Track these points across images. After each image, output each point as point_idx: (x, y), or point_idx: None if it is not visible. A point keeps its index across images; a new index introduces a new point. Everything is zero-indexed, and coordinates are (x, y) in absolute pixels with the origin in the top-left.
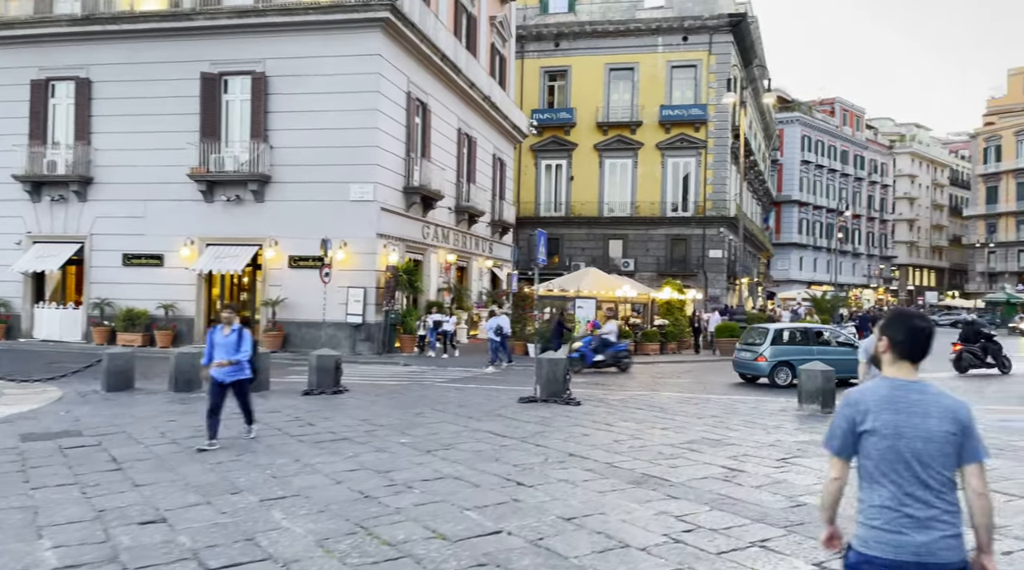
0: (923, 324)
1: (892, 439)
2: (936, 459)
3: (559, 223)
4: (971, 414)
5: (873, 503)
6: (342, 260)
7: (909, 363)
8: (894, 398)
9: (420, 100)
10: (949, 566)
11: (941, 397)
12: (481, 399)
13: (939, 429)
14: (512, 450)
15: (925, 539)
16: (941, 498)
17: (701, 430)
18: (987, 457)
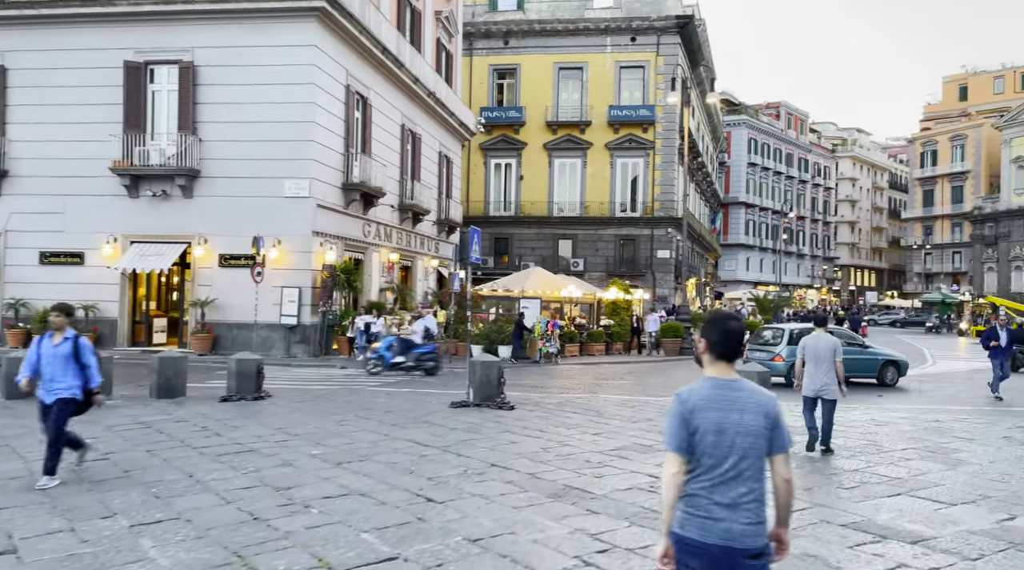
0: (736, 326)
1: (715, 435)
2: (752, 451)
3: (509, 223)
4: (779, 408)
5: (692, 491)
6: (276, 259)
7: (725, 362)
8: (716, 396)
9: (360, 94)
10: (751, 551)
11: (754, 394)
12: (411, 404)
13: (754, 423)
14: (431, 461)
15: (730, 525)
16: (749, 487)
17: (633, 435)
18: (791, 446)
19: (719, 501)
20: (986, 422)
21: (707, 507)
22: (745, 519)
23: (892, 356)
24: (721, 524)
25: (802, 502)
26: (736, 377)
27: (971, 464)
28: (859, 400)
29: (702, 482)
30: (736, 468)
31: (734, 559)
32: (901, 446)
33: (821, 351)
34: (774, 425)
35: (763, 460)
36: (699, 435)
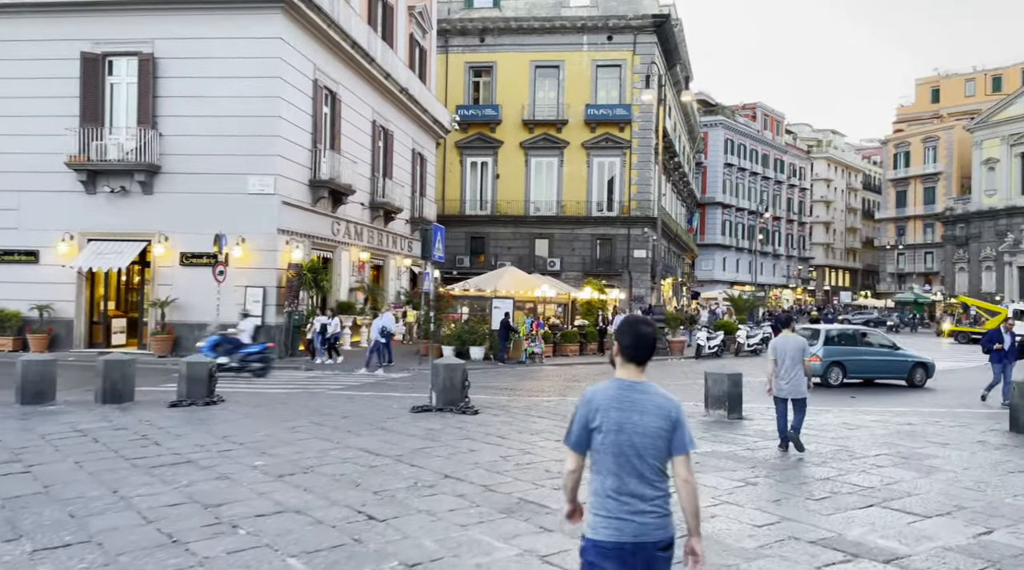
0: (647, 330)
1: (615, 435)
2: (650, 451)
3: (485, 222)
4: (680, 411)
5: (599, 493)
6: (239, 257)
7: (635, 365)
8: (620, 397)
9: (329, 89)
10: (660, 543)
11: (656, 396)
12: (371, 409)
13: (654, 424)
14: (380, 472)
15: (641, 522)
16: (654, 486)
17: None
18: (693, 448)
19: (627, 500)
20: (959, 425)
21: (614, 508)
22: (654, 515)
23: (921, 358)
24: (633, 521)
25: (770, 516)
26: (644, 380)
27: (945, 471)
28: (832, 403)
29: (607, 481)
30: (639, 467)
31: (648, 553)
32: (874, 451)
33: (791, 351)
34: (675, 427)
35: (664, 461)
36: (600, 434)
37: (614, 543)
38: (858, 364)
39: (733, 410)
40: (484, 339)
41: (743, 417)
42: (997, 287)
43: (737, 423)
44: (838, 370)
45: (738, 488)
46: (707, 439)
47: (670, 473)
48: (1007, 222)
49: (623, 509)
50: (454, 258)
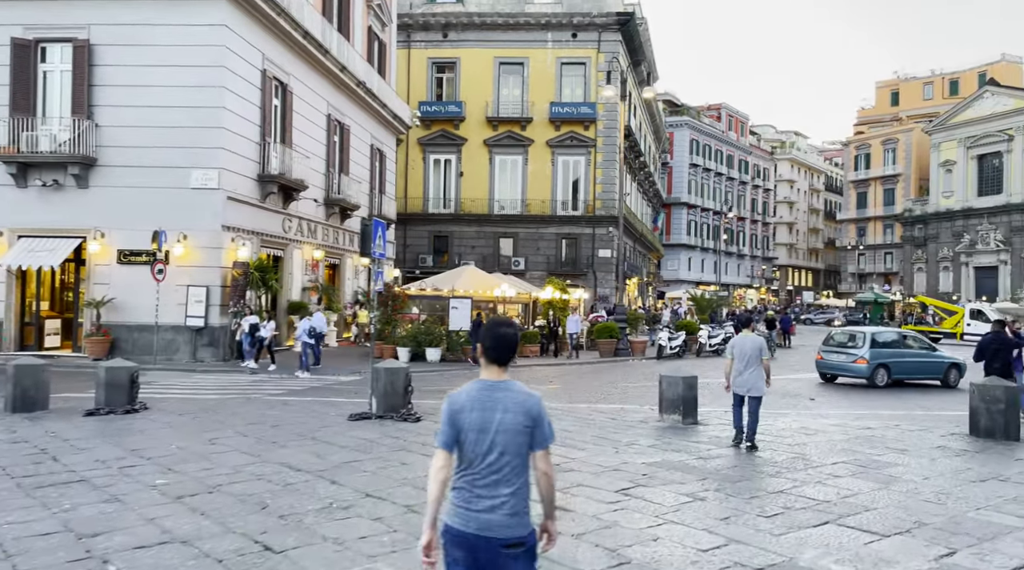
0: (508, 332)
1: (477, 433)
2: (514, 447)
3: (448, 220)
4: (541, 407)
5: (458, 485)
6: (181, 255)
7: (497, 366)
8: (482, 397)
9: (279, 80)
10: (508, 541)
11: (518, 395)
12: (306, 416)
13: (514, 422)
14: (294, 492)
15: (489, 516)
16: (509, 482)
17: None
18: (552, 442)
19: (480, 494)
20: (918, 429)
21: (469, 499)
22: (504, 511)
23: (955, 360)
24: (481, 515)
25: (717, 537)
26: (506, 379)
27: (904, 481)
28: (790, 406)
29: (467, 476)
30: (496, 464)
31: (492, 548)
32: (831, 459)
33: (748, 351)
34: (535, 423)
35: (525, 456)
36: (463, 433)
37: (458, 531)
38: (901, 365)
39: (688, 415)
40: (441, 340)
41: (698, 422)
42: (954, 287)
43: (692, 428)
44: (883, 371)
45: (685, 504)
46: (658, 447)
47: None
48: (964, 223)
49: (473, 502)
50: (417, 257)
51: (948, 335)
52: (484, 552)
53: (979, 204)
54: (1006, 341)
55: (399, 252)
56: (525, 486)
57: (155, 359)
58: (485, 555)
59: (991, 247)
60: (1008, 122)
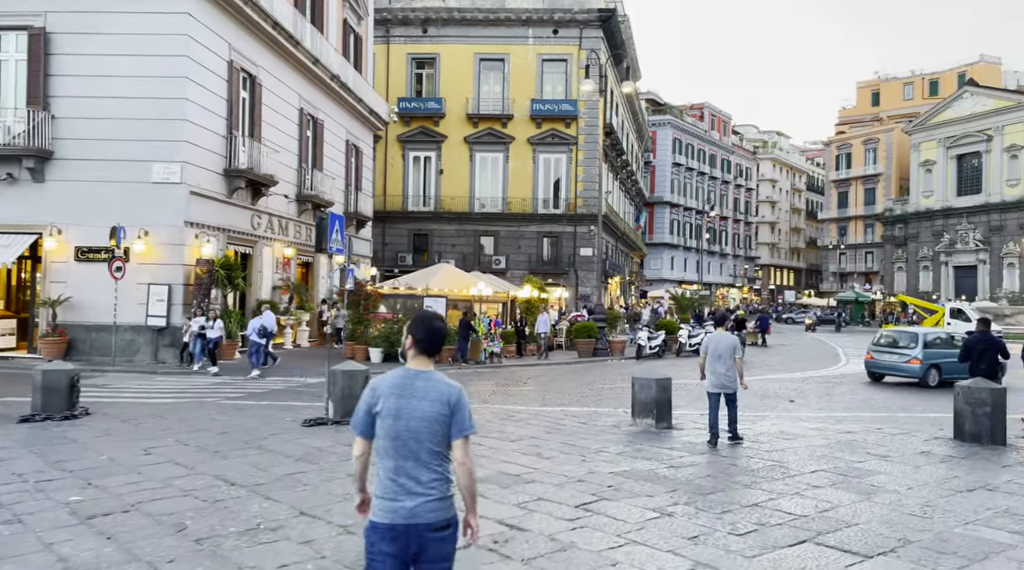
0: (439, 325)
1: (393, 419)
2: (427, 436)
3: (428, 218)
4: (461, 397)
5: (380, 476)
6: (142, 252)
7: (426, 357)
8: (403, 385)
9: (247, 72)
10: (433, 525)
11: (439, 384)
12: (258, 422)
13: (431, 410)
14: (221, 510)
15: (414, 504)
16: (430, 469)
17: (505, 459)
18: (472, 431)
19: (404, 483)
20: (901, 432)
21: (393, 489)
22: (430, 497)
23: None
24: (407, 504)
25: (683, 560)
26: (430, 370)
27: (888, 491)
28: (769, 408)
29: (388, 464)
30: (417, 451)
31: (420, 534)
32: (810, 467)
33: (723, 349)
34: (454, 412)
35: (444, 445)
36: (381, 419)
37: (388, 525)
38: (952, 366)
39: (661, 419)
40: None
41: (672, 426)
42: (934, 286)
43: (665, 434)
44: (935, 372)
45: (651, 521)
46: (627, 454)
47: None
48: (943, 223)
49: (399, 491)
50: (396, 256)
51: None
52: (414, 539)
53: (958, 204)
54: (993, 341)
55: (378, 250)
56: (446, 472)
57: (114, 360)
58: (416, 543)
59: (970, 246)
60: (987, 122)
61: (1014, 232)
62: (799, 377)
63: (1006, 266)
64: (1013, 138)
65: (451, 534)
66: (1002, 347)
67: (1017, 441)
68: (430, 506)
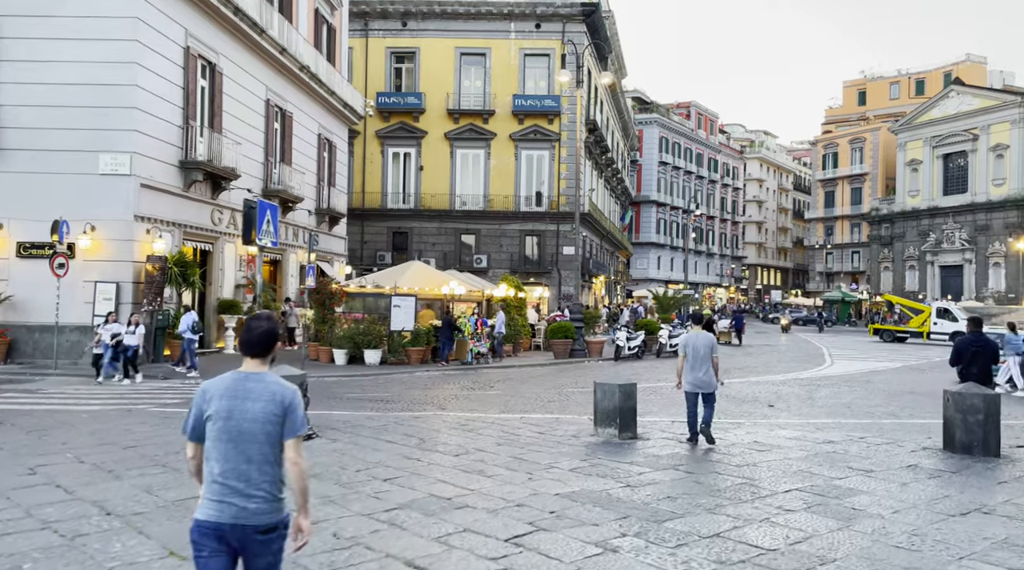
0: (259, 325)
1: (224, 421)
2: (258, 437)
3: (408, 216)
4: (294, 398)
5: (207, 478)
6: (88, 248)
7: (251, 358)
8: (234, 387)
9: (206, 59)
10: (260, 527)
11: (271, 385)
12: (177, 434)
13: (263, 411)
14: (76, 549)
15: (243, 505)
16: (261, 471)
17: (442, 477)
18: (303, 431)
19: (231, 484)
20: (886, 442)
21: (220, 491)
22: (259, 500)
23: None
24: (235, 505)
25: None
26: (262, 371)
27: (870, 516)
28: (746, 414)
29: (218, 466)
30: (246, 452)
31: (246, 535)
32: (784, 486)
33: (702, 348)
34: (286, 413)
35: (277, 446)
36: (211, 422)
37: (213, 523)
38: None
39: (625, 428)
40: (381, 341)
41: (637, 436)
42: (920, 286)
43: (628, 445)
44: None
45: (590, 559)
46: (580, 471)
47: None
48: (929, 222)
49: (226, 493)
50: (375, 254)
51: (915, 334)
52: (239, 541)
53: (944, 203)
54: (985, 343)
55: (356, 249)
56: (277, 474)
57: (56, 363)
58: (240, 543)
59: (956, 246)
60: (973, 121)
61: (1000, 231)
62: (780, 380)
63: (992, 266)
64: (999, 137)
65: (277, 536)
66: (995, 349)
67: (1012, 451)
68: (259, 509)
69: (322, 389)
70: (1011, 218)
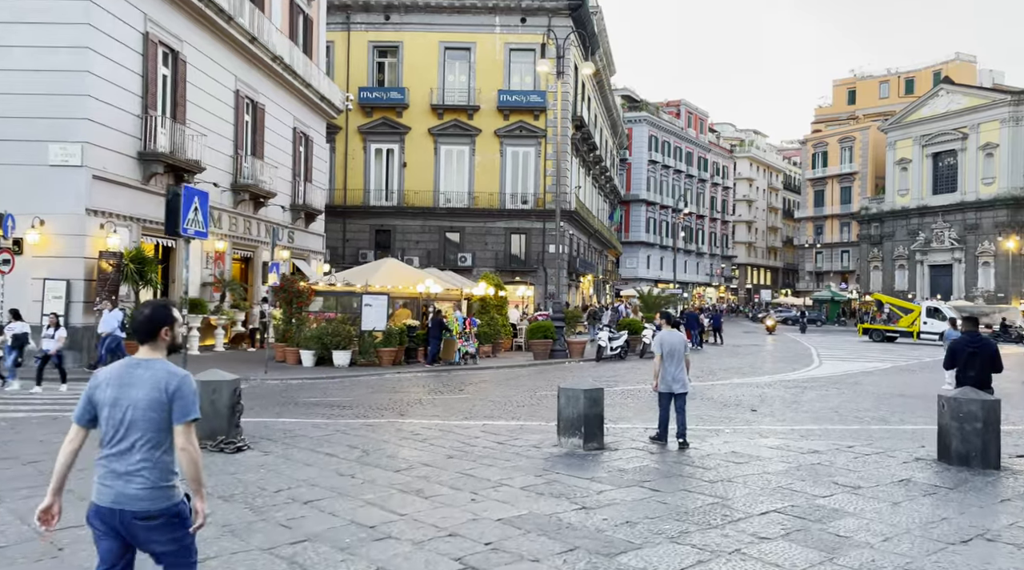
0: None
1: (110, 408)
2: (143, 423)
3: (391, 214)
4: (181, 385)
5: (98, 462)
6: (37, 243)
7: (140, 344)
8: (123, 374)
9: (169, 47)
10: (142, 514)
11: (158, 372)
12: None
13: (146, 397)
14: None
15: (123, 490)
16: (143, 456)
17: (373, 499)
18: (193, 417)
19: (114, 468)
20: (876, 451)
21: (104, 474)
22: (138, 485)
23: None
24: (114, 489)
25: None
26: (152, 358)
27: (858, 546)
28: (726, 419)
29: (104, 451)
30: (129, 439)
31: (126, 521)
32: (761, 506)
33: (678, 346)
34: (172, 399)
35: (163, 432)
36: (99, 408)
37: (96, 506)
38: None
39: (590, 438)
40: (351, 342)
41: (604, 446)
42: (909, 285)
43: (593, 457)
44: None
45: None
46: (533, 490)
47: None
48: (919, 221)
49: (108, 477)
50: (357, 253)
51: (904, 333)
52: (121, 525)
53: (934, 202)
54: (983, 344)
55: (338, 247)
56: (162, 461)
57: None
58: (123, 528)
59: (945, 245)
60: (962, 120)
61: (989, 231)
62: (766, 381)
63: (981, 265)
64: (988, 136)
65: (163, 525)
66: (994, 352)
67: (1012, 462)
68: (139, 495)
69: (279, 393)
70: (1000, 217)
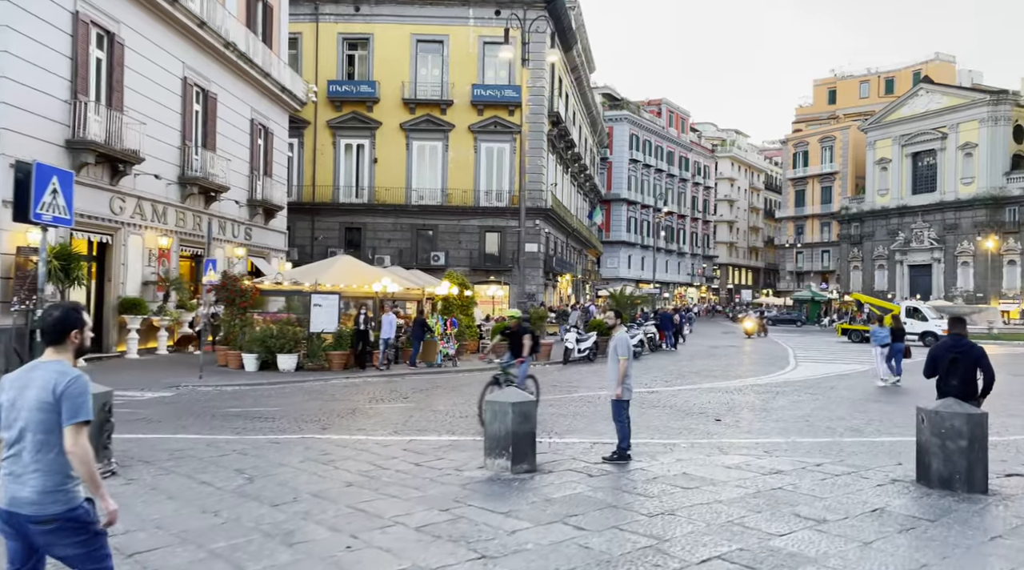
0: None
1: (7, 411)
2: (36, 425)
3: (361, 211)
4: (69, 386)
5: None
6: None
7: (46, 346)
8: (19, 376)
9: (104, 28)
10: (37, 518)
11: (50, 373)
12: None
13: (39, 399)
14: None
15: (17, 493)
16: (34, 458)
17: (218, 549)
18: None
19: (12, 471)
20: (847, 470)
21: (4, 476)
22: (31, 487)
23: None
24: (10, 491)
25: None
26: (52, 360)
27: None
28: (686, 431)
29: (4, 453)
30: (23, 440)
31: (20, 523)
32: (703, 551)
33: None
34: (60, 400)
35: (54, 434)
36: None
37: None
38: None
39: (519, 459)
40: (296, 345)
41: (536, 469)
42: (889, 285)
43: (519, 483)
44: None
45: None
46: (429, 531)
47: None
48: (898, 221)
49: (8, 478)
50: (327, 251)
51: None
52: (18, 527)
53: (913, 202)
54: (967, 348)
55: (306, 245)
56: (55, 463)
57: None
58: (20, 530)
59: (925, 245)
60: (941, 120)
61: (968, 230)
62: (736, 386)
63: (960, 265)
64: (967, 136)
65: (57, 529)
66: (980, 357)
67: (1001, 484)
68: (34, 497)
69: (204, 403)
70: (979, 217)
